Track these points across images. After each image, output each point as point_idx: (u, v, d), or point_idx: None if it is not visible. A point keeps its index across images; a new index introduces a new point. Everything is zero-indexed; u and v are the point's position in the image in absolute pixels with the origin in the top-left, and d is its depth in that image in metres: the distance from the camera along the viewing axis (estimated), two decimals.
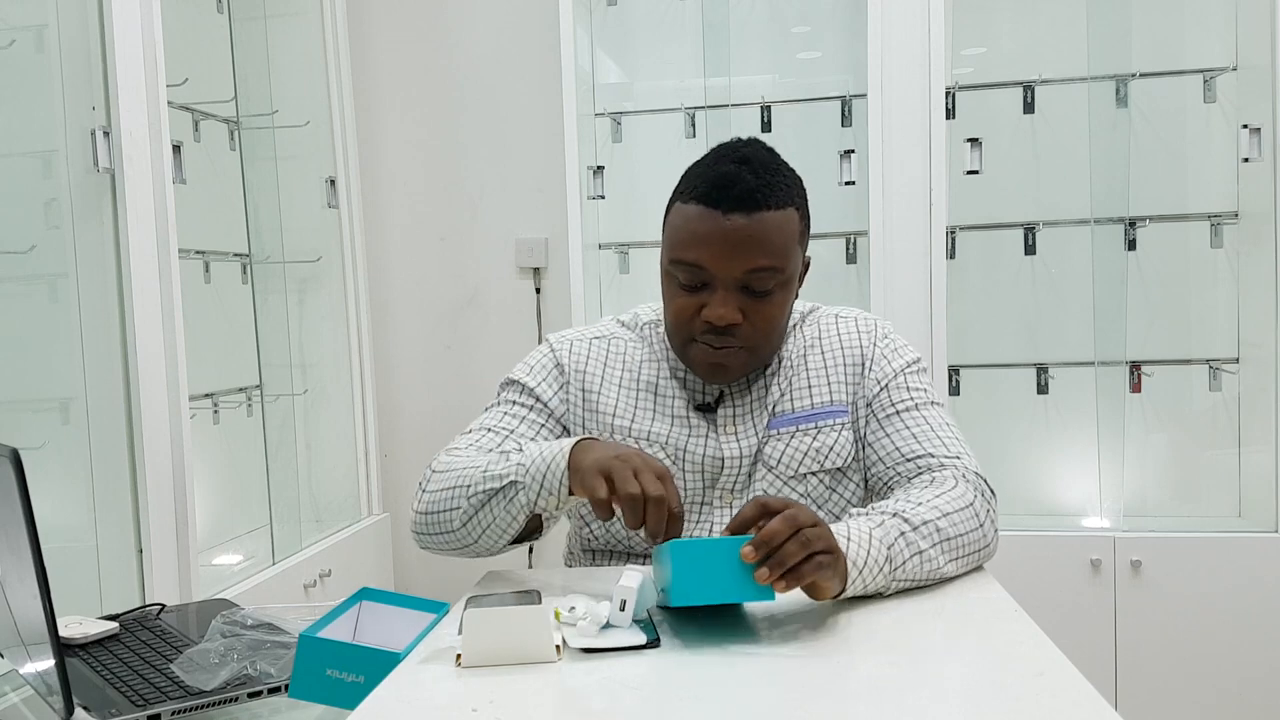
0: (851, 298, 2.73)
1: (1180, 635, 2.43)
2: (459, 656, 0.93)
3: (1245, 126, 2.46)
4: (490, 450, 1.27)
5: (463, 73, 2.97)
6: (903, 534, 1.10)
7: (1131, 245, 2.66)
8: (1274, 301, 2.43)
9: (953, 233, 2.67)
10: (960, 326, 2.68)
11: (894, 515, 1.12)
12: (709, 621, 1.02)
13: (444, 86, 2.98)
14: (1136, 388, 2.68)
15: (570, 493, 1.14)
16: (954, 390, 2.68)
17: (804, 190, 1.30)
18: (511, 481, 1.16)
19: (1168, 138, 2.65)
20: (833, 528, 1.05)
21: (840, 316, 1.39)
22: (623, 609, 0.98)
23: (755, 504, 1.01)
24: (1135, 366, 2.67)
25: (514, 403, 1.34)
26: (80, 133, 1.96)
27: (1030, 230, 2.69)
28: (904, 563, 1.09)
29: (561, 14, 2.68)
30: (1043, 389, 2.72)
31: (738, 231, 1.20)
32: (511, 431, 1.31)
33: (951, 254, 2.67)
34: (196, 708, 1.05)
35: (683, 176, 1.29)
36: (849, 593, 1.05)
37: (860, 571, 1.05)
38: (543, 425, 1.32)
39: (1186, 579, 2.43)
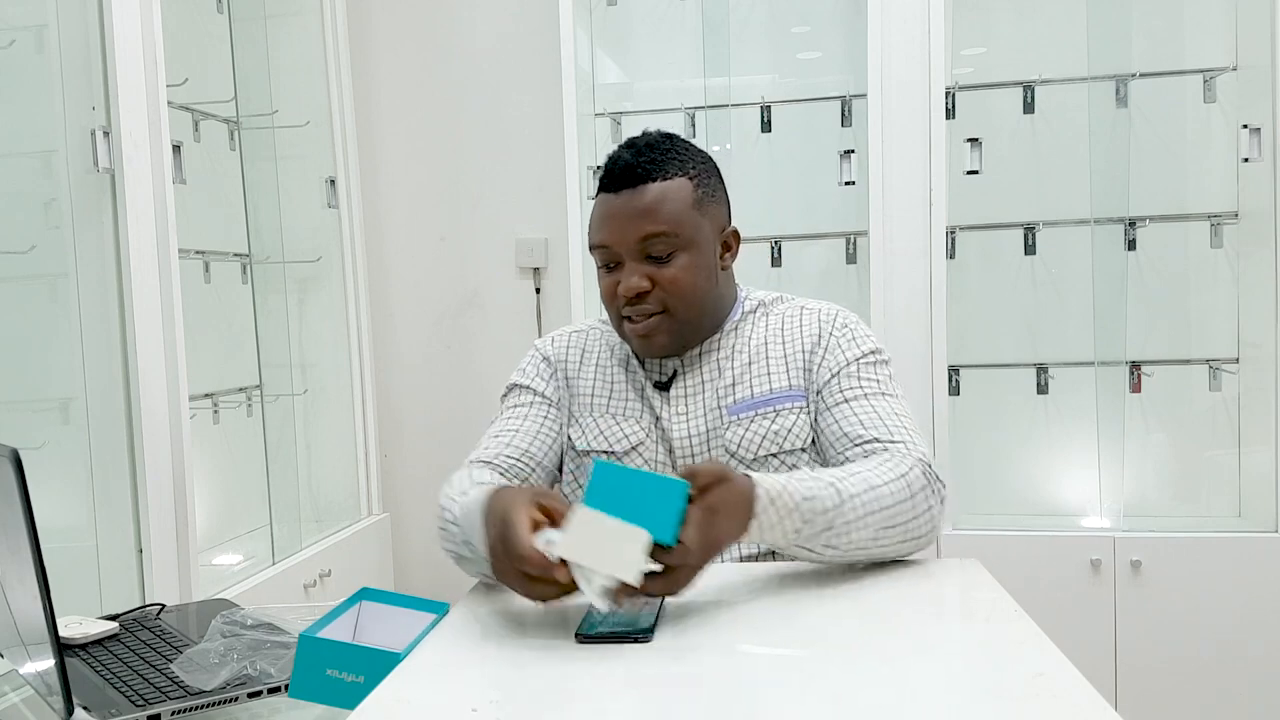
0: (851, 298, 2.73)
1: (1180, 635, 2.43)
2: (550, 544, 0.95)
3: (1245, 126, 2.46)
4: (483, 464, 1.34)
5: (463, 73, 2.97)
6: (826, 511, 1.10)
7: (1131, 245, 2.66)
8: (1274, 301, 2.43)
9: (953, 233, 2.67)
10: (960, 326, 2.68)
11: (829, 484, 1.13)
12: (710, 619, 1.02)
13: (444, 86, 2.98)
14: (1136, 388, 2.68)
15: None
16: (954, 390, 2.68)
17: (706, 165, 1.37)
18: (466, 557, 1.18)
19: (1168, 138, 2.65)
20: (762, 484, 1.07)
21: (805, 308, 1.43)
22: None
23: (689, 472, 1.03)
24: (1135, 366, 2.67)
25: (516, 405, 1.45)
26: (80, 133, 1.96)
27: (1030, 230, 2.69)
28: (815, 534, 1.11)
29: (561, 14, 2.68)
30: (1043, 389, 2.72)
31: (626, 206, 1.32)
32: (517, 431, 1.40)
33: (951, 254, 2.67)
34: (196, 708, 1.05)
35: None
36: (742, 541, 1.08)
37: (763, 533, 1.08)
38: (545, 416, 1.42)
39: (1186, 579, 2.43)
